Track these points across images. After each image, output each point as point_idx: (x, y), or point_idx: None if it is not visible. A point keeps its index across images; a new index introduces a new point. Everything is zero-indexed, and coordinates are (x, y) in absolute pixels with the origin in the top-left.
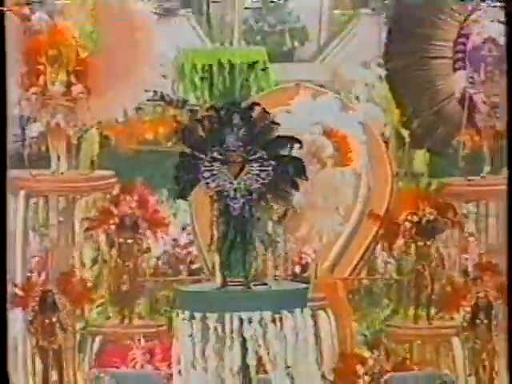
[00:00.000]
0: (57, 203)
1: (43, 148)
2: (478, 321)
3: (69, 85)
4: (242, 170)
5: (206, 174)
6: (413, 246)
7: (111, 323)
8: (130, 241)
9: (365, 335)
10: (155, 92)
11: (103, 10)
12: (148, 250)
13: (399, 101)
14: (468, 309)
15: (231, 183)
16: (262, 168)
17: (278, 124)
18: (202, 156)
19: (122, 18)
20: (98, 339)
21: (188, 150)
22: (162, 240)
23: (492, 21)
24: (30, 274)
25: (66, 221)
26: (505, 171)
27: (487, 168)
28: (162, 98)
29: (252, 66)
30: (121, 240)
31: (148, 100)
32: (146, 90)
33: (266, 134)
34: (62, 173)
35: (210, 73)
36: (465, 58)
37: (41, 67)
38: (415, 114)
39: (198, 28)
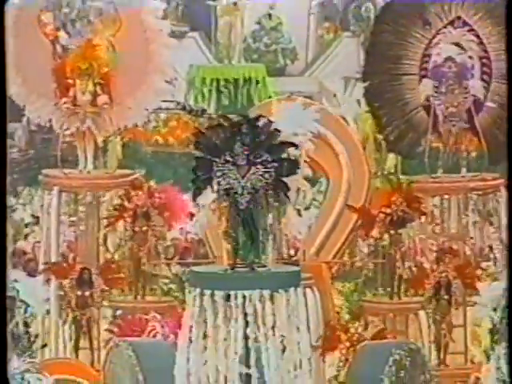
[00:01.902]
0: (84, 197)
1: (73, 150)
2: (439, 296)
3: (95, 95)
4: (248, 170)
5: (218, 174)
6: (386, 234)
7: (129, 299)
8: (144, 228)
9: (346, 309)
10: (178, 103)
11: (123, 28)
12: (161, 236)
13: (375, 112)
14: (431, 286)
15: (239, 182)
16: (266, 170)
17: (279, 131)
18: (215, 159)
19: (137, 31)
20: (118, 312)
21: (203, 154)
22: (174, 228)
23: (453, 43)
24: (62, 256)
25: (92, 212)
26: (464, 170)
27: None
28: (184, 107)
29: (252, 80)
30: (136, 229)
31: (171, 109)
32: (170, 101)
33: (269, 139)
34: (88, 171)
35: (217, 85)
36: (428, 74)
37: (70, 81)
38: (388, 122)
39: (205, 48)
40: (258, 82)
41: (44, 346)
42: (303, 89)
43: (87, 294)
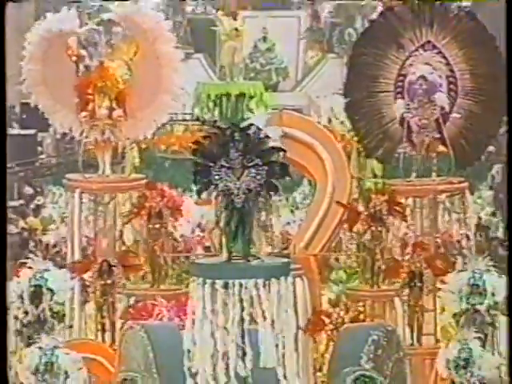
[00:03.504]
0: (102, 198)
1: (92, 157)
2: (412, 284)
3: (111, 109)
4: (242, 173)
5: (216, 177)
6: (369, 230)
7: (143, 287)
8: (157, 226)
9: (330, 296)
10: (192, 114)
11: (139, 52)
12: (171, 232)
13: (355, 124)
14: (405, 275)
15: (235, 184)
16: (258, 172)
17: (269, 138)
18: (213, 164)
19: (152, 57)
20: (132, 299)
21: (202, 160)
22: (182, 224)
23: (425, 63)
24: (83, 251)
25: (109, 211)
26: (434, 174)
27: (420, 172)
28: (197, 119)
29: (251, 95)
30: (150, 226)
31: (187, 120)
32: (187, 113)
33: (260, 145)
34: (107, 176)
35: (220, 100)
36: (403, 91)
37: (90, 97)
38: (367, 133)
39: (208, 67)
40: (253, 97)
41: (70, 327)
42: (294, 103)
43: (109, 282)
